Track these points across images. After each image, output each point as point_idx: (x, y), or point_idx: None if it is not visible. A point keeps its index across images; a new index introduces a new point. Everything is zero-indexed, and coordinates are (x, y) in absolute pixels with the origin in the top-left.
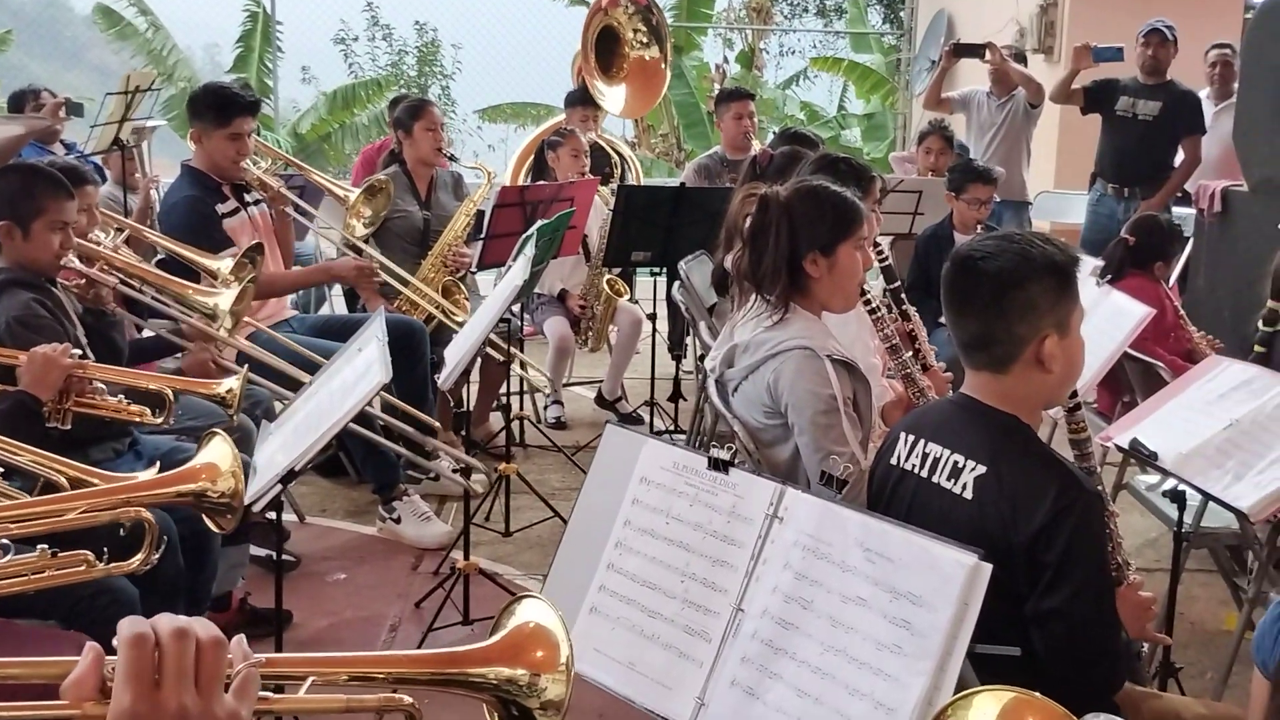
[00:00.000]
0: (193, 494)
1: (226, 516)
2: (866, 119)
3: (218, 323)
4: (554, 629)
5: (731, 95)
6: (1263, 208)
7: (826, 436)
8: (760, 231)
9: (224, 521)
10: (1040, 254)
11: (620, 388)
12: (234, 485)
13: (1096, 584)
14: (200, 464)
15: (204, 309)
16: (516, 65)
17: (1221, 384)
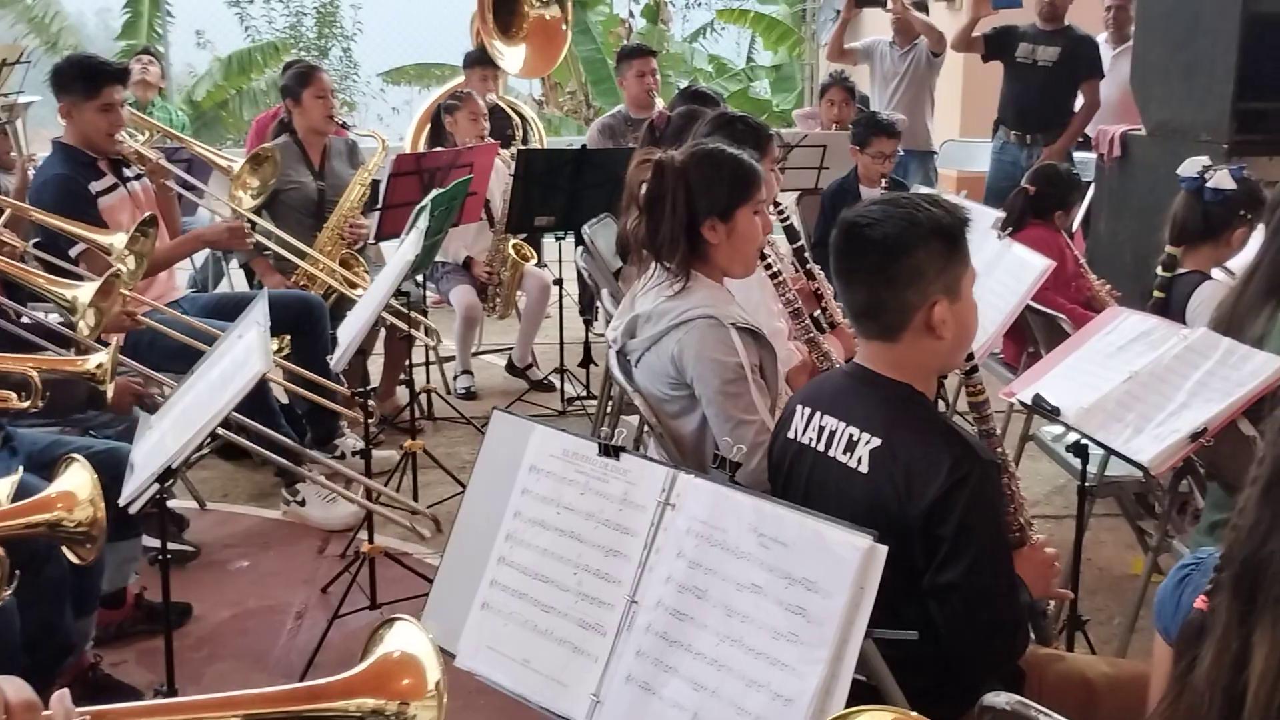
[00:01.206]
0: (46, 524)
1: (86, 546)
2: (775, 70)
3: (77, 316)
4: (423, 654)
5: (633, 53)
6: (1161, 151)
7: (735, 405)
8: (656, 199)
9: (83, 552)
10: (927, 218)
11: (531, 354)
12: (92, 514)
13: (993, 555)
14: (56, 492)
15: (61, 301)
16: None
17: (1121, 336)
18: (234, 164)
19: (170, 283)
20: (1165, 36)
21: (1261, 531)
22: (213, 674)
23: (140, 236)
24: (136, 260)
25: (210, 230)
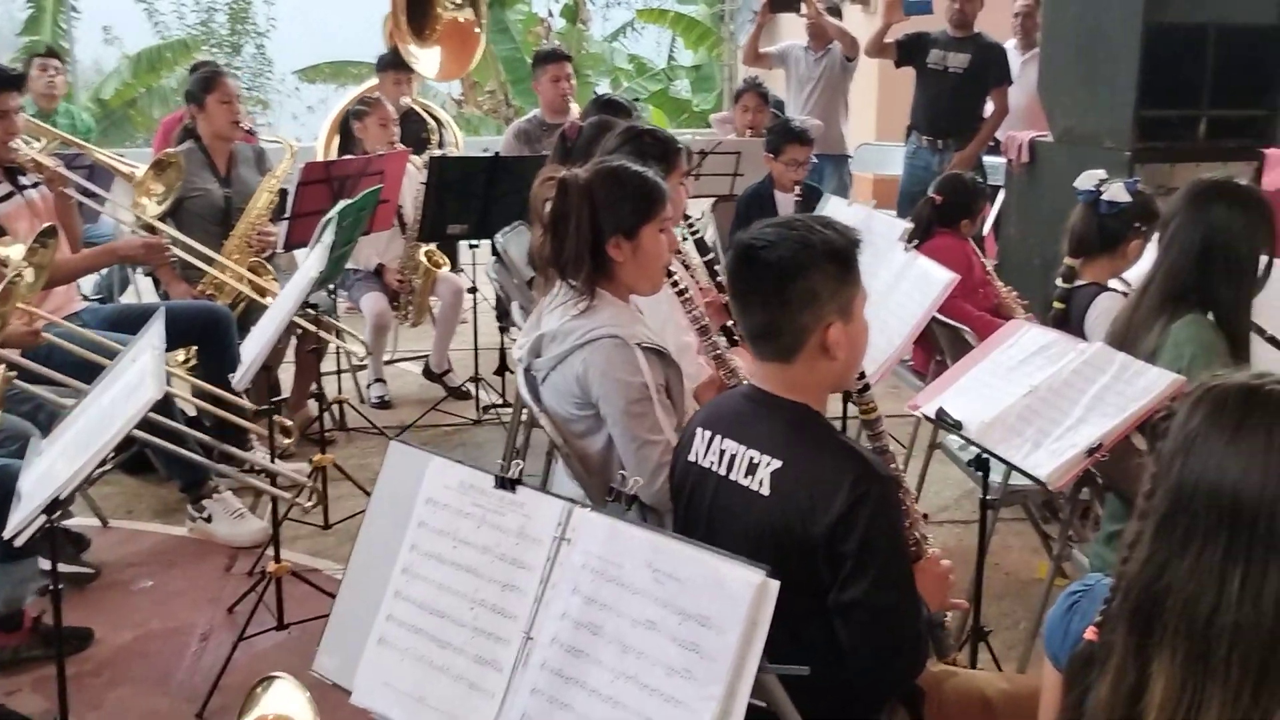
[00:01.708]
0: None
1: None
2: (695, 70)
3: None
4: (298, 714)
5: (547, 58)
6: (1067, 157)
7: (640, 425)
8: (561, 216)
9: None
10: (820, 241)
11: (447, 360)
12: None
13: (896, 571)
14: None
15: None
16: (334, 22)
17: (1021, 349)
18: (137, 170)
19: (69, 294)
20: (1070, 45)
21: (1158, 564)
22: (113, 700)
23: (39, 247)
24: (36, 272)
25: (125, 245)
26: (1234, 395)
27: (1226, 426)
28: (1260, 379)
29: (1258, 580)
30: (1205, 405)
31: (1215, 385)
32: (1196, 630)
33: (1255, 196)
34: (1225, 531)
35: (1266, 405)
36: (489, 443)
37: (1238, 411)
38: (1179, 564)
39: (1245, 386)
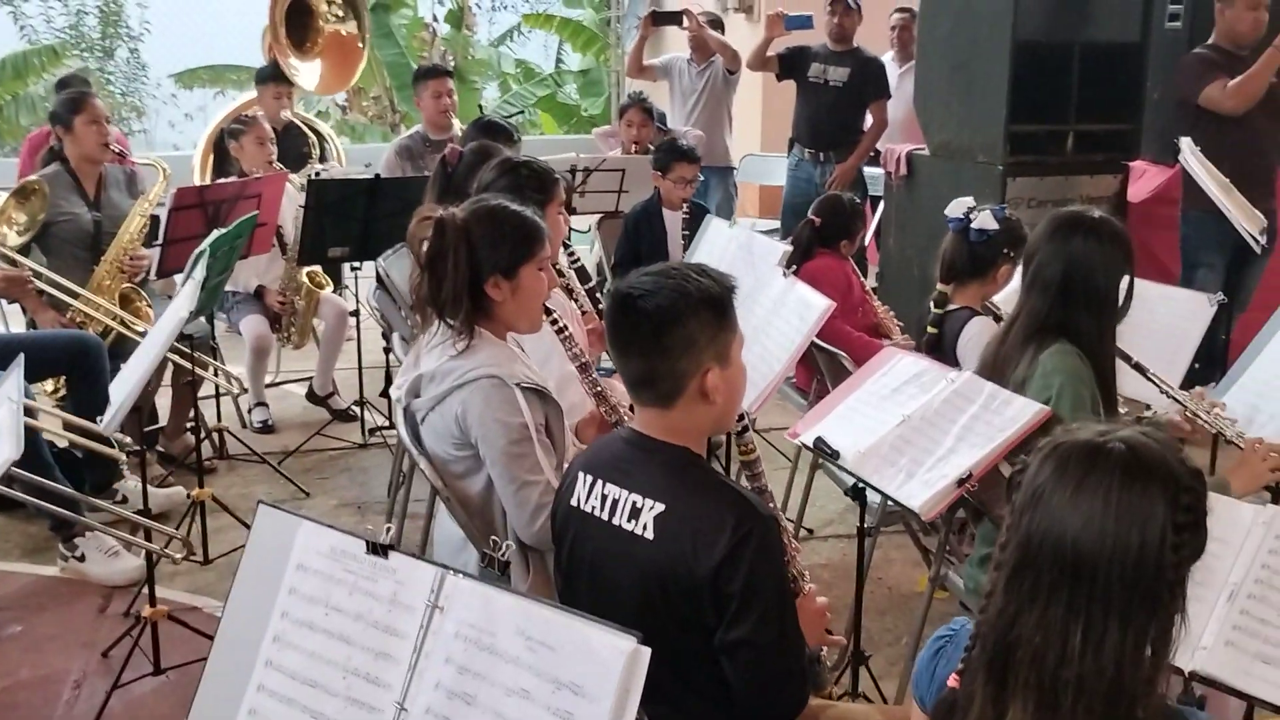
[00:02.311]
0: None
1: None
2: (583, 75)
3: None
4: None
5: (428, 73)
6: (944, 171)
7: (520, 466)
8: (438, 256)
9: None
10: (697, 289)
11: (331, 383)
12: None
13: (779, 608)
14: None
15: None
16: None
17: (895, 377)
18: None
19: None
20: (943, 62)
21: (1010, 615)
22: None
23: None
24: None
25: None
26: (1078, 452)
27: (1070, 483)
28: (1104, 435)
29: (1098, 635)
30: (1052, 461)
31: (1062, 441)
32: (1045, 681)
33: (1113, 228)
34: (1067, 586)
35: (1107, 463)
36: (375, 467)
37: (1080, 468)
38: (1028, 616)
39: (1089, 444)
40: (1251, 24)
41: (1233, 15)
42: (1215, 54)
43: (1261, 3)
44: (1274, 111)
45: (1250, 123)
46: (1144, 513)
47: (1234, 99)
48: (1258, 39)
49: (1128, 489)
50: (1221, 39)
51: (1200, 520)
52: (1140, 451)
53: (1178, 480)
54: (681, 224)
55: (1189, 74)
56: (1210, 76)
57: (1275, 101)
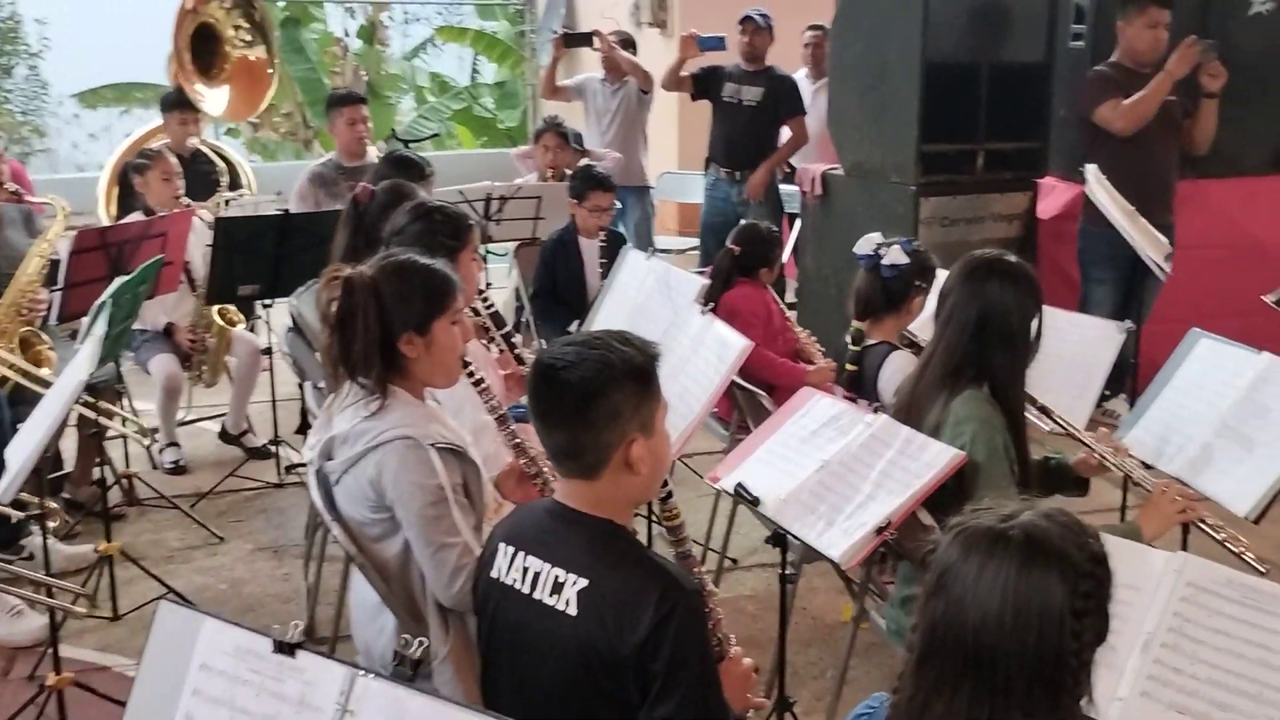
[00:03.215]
0: None
1: None
2: (499, 87)
3: None
4: None
5: (342, 100)
6: (858, 190)
7: (437, 529)
8: (347, 315)
9: None
10: (620, 359)
11: (245, 420)
12: None
13: (704, 684)
14: None
15: None
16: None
17: (813, 420)
18: None
19: None
20: (856, 82)
21: (919, 704)
22: None
23: None
24: None
25: None
26: (981, 538)
27: (971, 570)
28: (1006, 521)
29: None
30: (956, 546)
31: (967, 525)
32: None
33: (1024, 271)
34: (970, 679)
35: (1006, 551)
36: (293, 507)
37: (981, 555)
38: (936, 706)
39: (991, 531)
40: (1150, 42)
41: (1132, 34)
42: (1115, 72)
43: (1160, 21)
44: (1171, 129)
45: (1148, 140)
46: (1042, 602)
47: (1123, 120)
48: (1157, 57)
49: (1026, 578)
50: (1123, 57)
51: (1102, 605)
52: (1038, 539)
53: (1076, 567)
54: (599, 252)
55: (1087, 92)
56: (1105, 96)
57: (1172, 119)
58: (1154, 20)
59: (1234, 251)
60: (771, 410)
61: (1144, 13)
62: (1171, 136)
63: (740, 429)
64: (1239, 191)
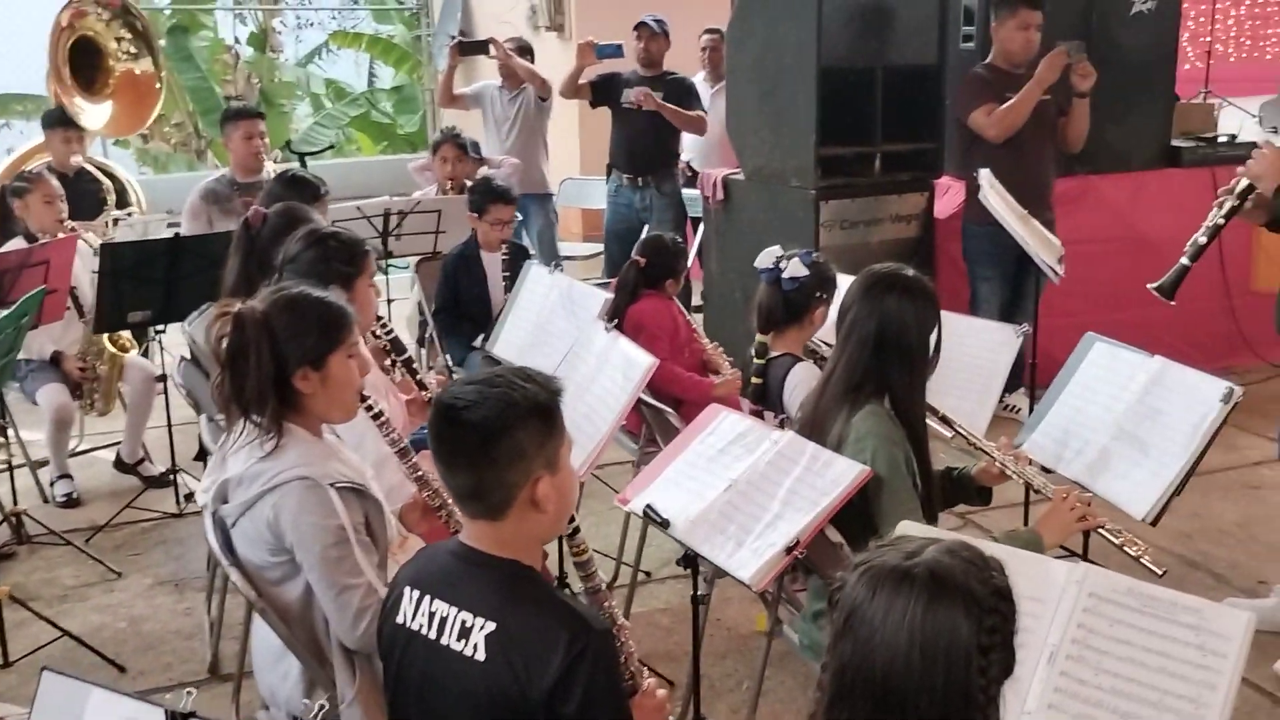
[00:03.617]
0: None
1: None
2: (396, 92)
3: None
4: None
5: (237, 115)
6: (759, 195)
7: (338, 570)
8: (239, 353)
9: None
10: (523, 397)
11: (142, 448)
12: None
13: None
14: None
15: None
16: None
17: (720, 438)
18: None
19: None
20: (753, 88)
21: None
22: None
23: None
24: None
25: None
26: (886, 577)
27: (878, 610)
28: (912, 559)
29: None
30: (862, 585)
31: (872, 563)
32: None
33: (921, 285)
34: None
35: (911, 590)
36: (193, 537)
37: (887, 595)
38: None
39: (896, 569)
40: (1022, 44)
41: (1004, 36)
42: (990, 74)
43: (1031, 23)
44: (1047, 128)
45: (1024, 141)
46: (948, 641)
47: (995, 128)
48: (1030, 57)
49: (931, 617)
50: (997, 59)
51: (1007, 640)
52: (942, 576)
53: (980, 603)
54: (502, 265)
55: (962, 96)
56: (978, 102)
57: (1047, 119)
58: (1025, 22)
59: (1124, 245)
60: (680, 427)
61: (1015, 15)
62: (1047, 135)
63: (649, 443)
64: (1127, 186)
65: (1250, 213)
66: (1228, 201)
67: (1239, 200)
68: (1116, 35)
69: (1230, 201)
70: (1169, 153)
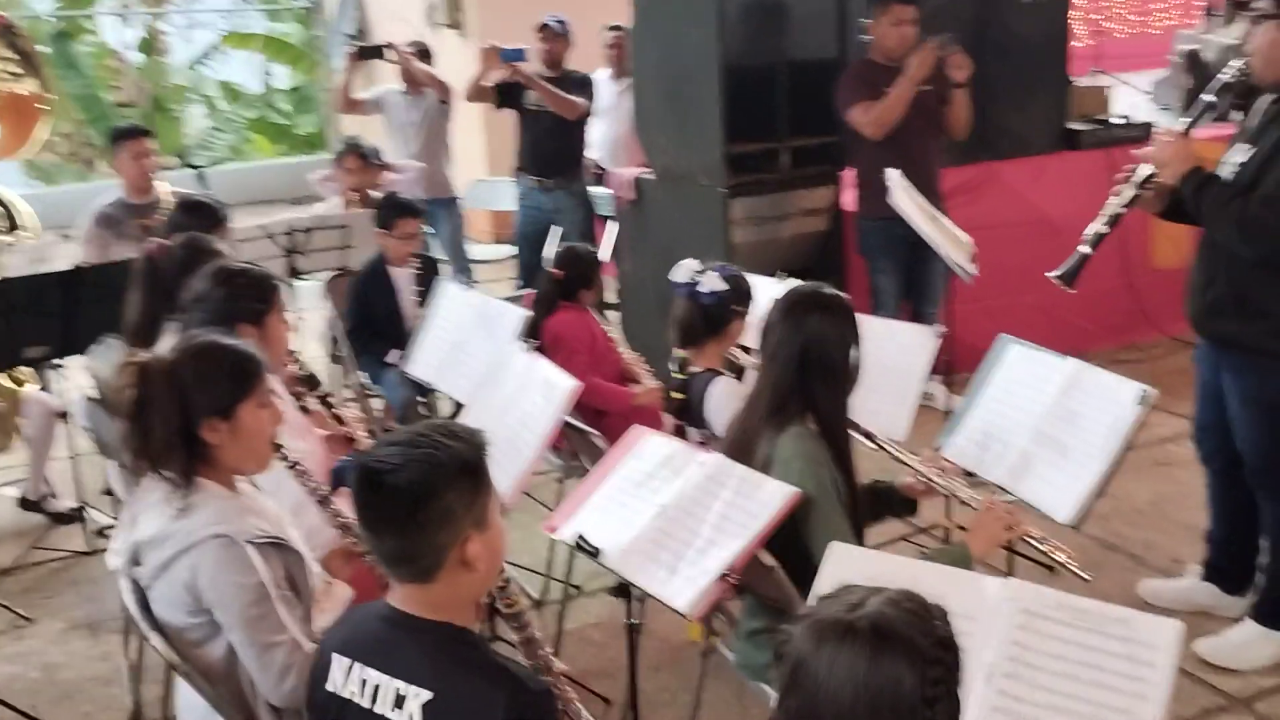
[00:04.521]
0: None
1: None
2: (294, 92)
3: None
4: None
5: (125, 134)
6: (670, 194)
7: (262, 629)
8: (145, 405)
9: None
10: (449, 457)
11: (45, 483)
12: None
13: None
14: None
15: None
16: None
17: (646, 461)
18: None
19: None
20: (658, 87)
21: None
22: None
23: None
24: None
25: None
26: (830, 630)
27: (823, 665)
28: (855, 611)
29: None
30: (807, 638)
31: (816, 616)
32: None
33: (842, 302)
34: None
35: (855, 644)
36: (106, 576)
37: (832, 648)
38: None
39: (840, 622)
40: (898, 39)
41: (880, 32)
42: (868, 70)
43: (905, 19)
44: (930, 119)
45: (907, 133)
46: (894, 693)
47: (871, 126)
48: (906, 52)
49: (876, 671)
50: (875, 54)
51: (952, 689)
52: (885, 629)
53: (924, 654)
54: (413, 280)
55: (841, 93)
56: (855, 99)
57: (929, 110)
58: (898, 18)
59: (1028, 228)
60: (605, 448)
61: (887, 10)
62: (931, 126)
63: (572, 457)
64: (1027, 170)
65: (1147, 201)
66: (1127, 190)
67: (1139, 189)
68: (1008, 21)
69: (1131, 190)
70: (1066, 136)
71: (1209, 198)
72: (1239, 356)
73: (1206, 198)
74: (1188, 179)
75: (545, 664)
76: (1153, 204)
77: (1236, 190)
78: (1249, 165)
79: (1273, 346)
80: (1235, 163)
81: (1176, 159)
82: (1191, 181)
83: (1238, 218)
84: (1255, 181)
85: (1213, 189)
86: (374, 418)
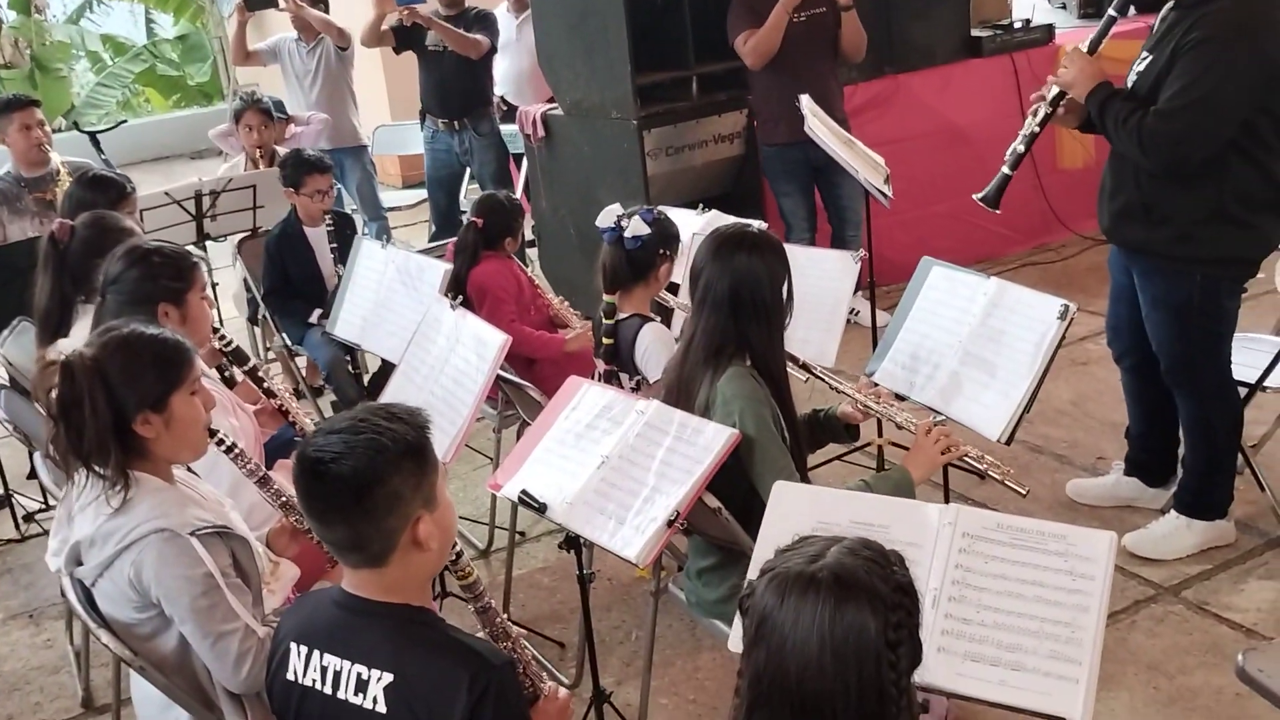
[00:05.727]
0: None
1: None
2: (181, 41)
3: None
4: None
5: (9, 106)
6: (580, 129)
7: (212, 619)
8: (72, 404)
9: None
10: (393, 440)
11: None
12: None
13: None
14: None
15: None
16: None
17: (586, 411)
18: None
19: None
20: (561, 21)
21: None
22: None
23: None
24: None
25: None
26: (793, 583)
27: (788, 617)
28: (816, 562)
29: None
30: (771, 592)
31: (778, 569)
32: None
33: (769, 239)
34: None
35: (818, 594)
36: (40, 561)
37: (795, 600)
38: None
39: (801, 575)
40: None
41: None
42: None
43: None
44: (823, 40)
45: (798, 55)
46: (858, 640)
47: (750, 56)
48: None
49: (839, 620)
50: None
51: (913, 632)
52: (846, 578)
53: (884, 600)
54: (328, 237)
55: (729, 21)
56: (740, 27)
57: (824, 30)
58: None
59: (938, 139)
60: (541, 401)
61: None
62: (825, 46)
63: (508, 405)
64: (934, 80)
65: (1063, 118)
66: (1041, 109)
67: (1051, 108)
68: None
69: (1044, 109)
70: (970, 43)
71: (1110, 114)
72: (1147, 261)
73: (1109, 114)
74: (1092, 95)
75: (503, 630)
76: (1068, 120)
77: (1136, 104)
78: (1146, 75)
79: (1177, 252)
80: (1136, 71)
81: (1083, 77)
82: (1095, 99)
83: (1137, 132)
84: (1153, 92)
85: (1114, 105)
86: (300, 378)
